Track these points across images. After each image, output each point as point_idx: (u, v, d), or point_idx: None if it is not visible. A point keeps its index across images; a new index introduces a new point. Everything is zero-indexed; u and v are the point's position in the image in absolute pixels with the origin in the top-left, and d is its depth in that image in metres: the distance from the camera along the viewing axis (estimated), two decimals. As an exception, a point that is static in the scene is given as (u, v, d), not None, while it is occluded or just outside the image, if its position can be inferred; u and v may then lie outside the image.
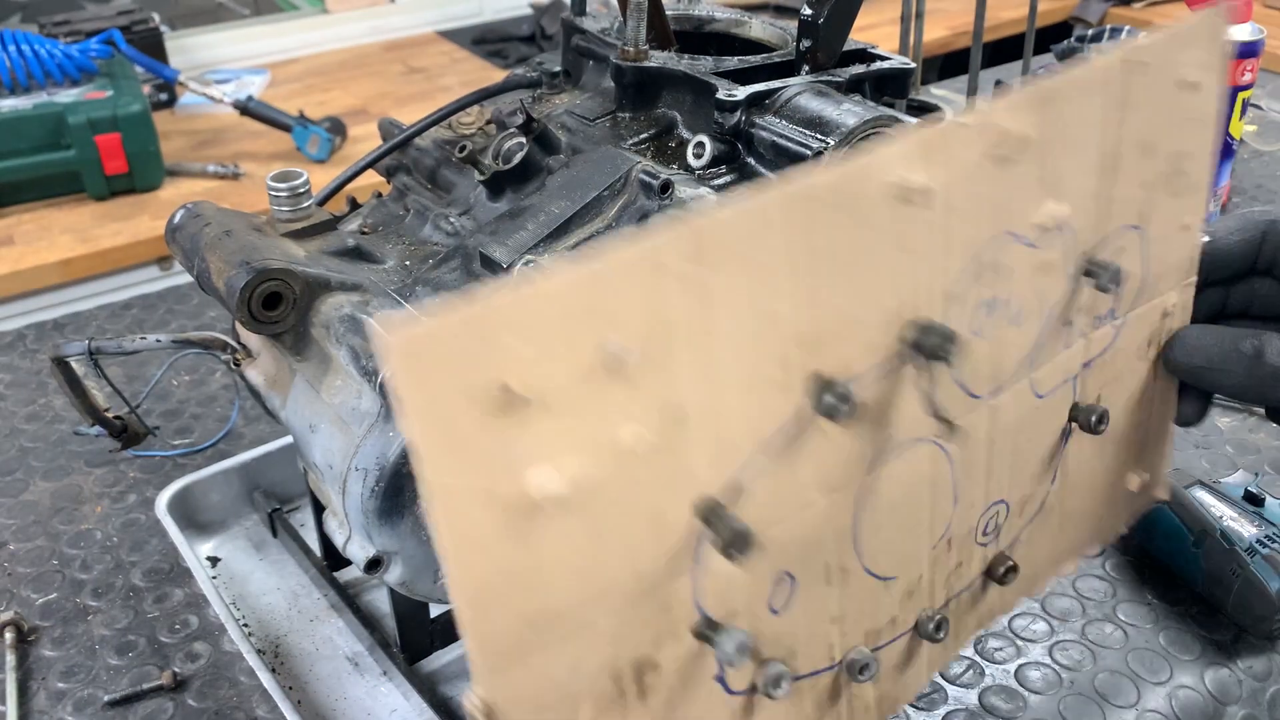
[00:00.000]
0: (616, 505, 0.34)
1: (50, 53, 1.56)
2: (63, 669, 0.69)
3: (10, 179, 1.50)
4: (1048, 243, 0.42)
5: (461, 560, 0.32)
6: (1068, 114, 0.40)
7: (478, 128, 0.68)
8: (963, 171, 0.38)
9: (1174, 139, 0.45)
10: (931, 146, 0.37)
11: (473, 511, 0.31)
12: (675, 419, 0.34)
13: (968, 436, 0.43)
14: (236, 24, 2.23)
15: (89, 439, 0.89)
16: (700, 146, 0.62)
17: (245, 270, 0.54)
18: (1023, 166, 0.40)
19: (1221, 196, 1.14)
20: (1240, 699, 0.65)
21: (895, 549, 0.42)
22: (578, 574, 0.34)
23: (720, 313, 0.34)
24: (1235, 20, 1.06)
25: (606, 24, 0.73)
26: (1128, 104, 0.42)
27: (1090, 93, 0.41)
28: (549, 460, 0.32)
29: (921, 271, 0.38)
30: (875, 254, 0.37)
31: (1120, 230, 0.44)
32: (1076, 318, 0.45)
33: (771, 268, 0.35)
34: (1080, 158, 0.41)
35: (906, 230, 0.37)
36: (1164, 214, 0.46)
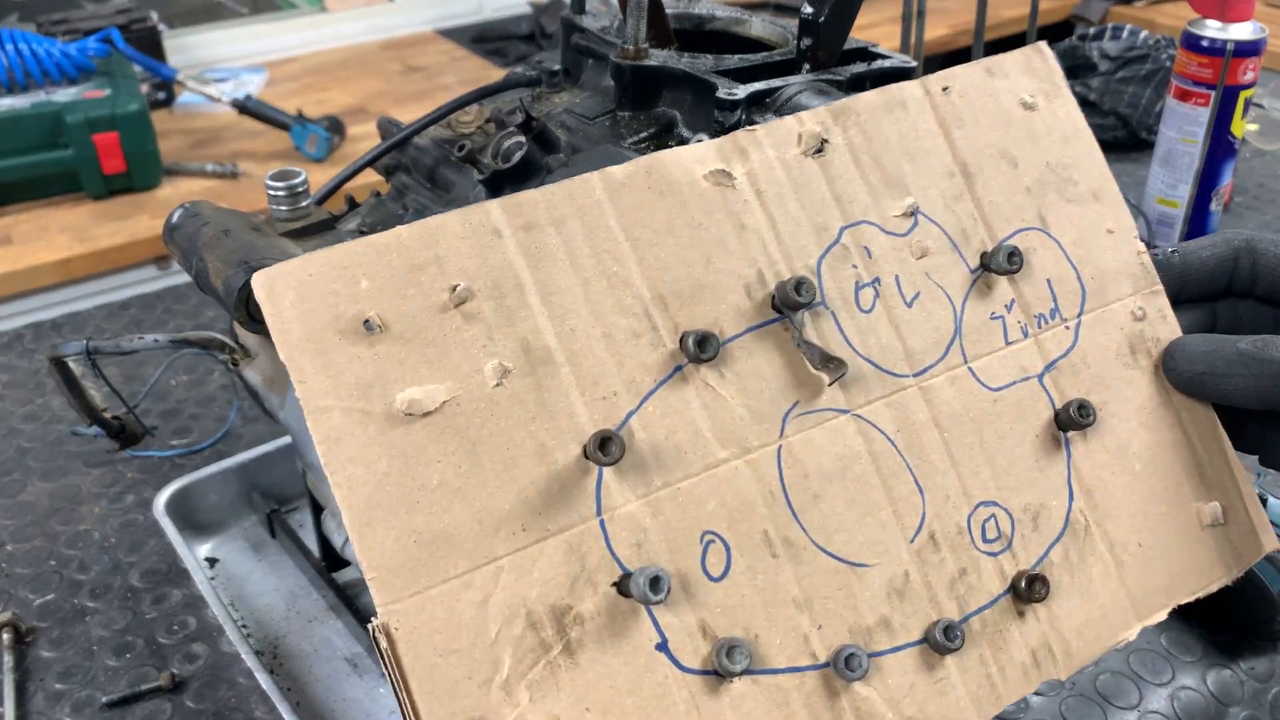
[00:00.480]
0: (492, 431, 0.38)
1: (48, 51, 1.56)
2: (60, 670, 0.68)
3: (8, 178, 1.49)
4: (911, 232, 0.46)
5: (344, 476, 0.36)
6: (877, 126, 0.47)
7: (477, 126, 0.67)
8: (770, 163, 0.44)
9: (1040, 152, 0.50)
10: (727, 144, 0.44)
11: (349, 429, 0.36)
12: (543, 359, 0.39)
13: (904, 417, 0.44)
14: (235, 22, 2.22)
15: (87, 439, 0.89)
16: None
17: (243, 270, 0.54)
18: (839, 164, 0.45)
19: (1224, 196, 1.14)
20: (1242, 700, 0.64)
21: (853, 529, 0.43)
22: (462, 497, 0.37)
23: (565, 274, 0.40)
24: (1235, 19, 1.06)
25: (606, 22, 0.73)
26: (952, 120, 0.48)
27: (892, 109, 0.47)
28: (416, 385, 0.37)
29: (770, 245, 0.43)
30: (714, 230, 0.43)
31: (1021, 231, 0.48)
32: (1004, 312, 0.47)
33: (610, 238, 0.41)
34: (920, 162, 0.47)
35: (738, 210, 0.43)
36: (1070, 218, 0.49)
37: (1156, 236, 1.16)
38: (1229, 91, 1.07)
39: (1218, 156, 1.11)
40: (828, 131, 0.46)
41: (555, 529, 0.38)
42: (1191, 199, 1.13)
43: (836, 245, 0.45)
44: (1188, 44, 1.08)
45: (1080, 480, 0.47)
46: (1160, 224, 1.16)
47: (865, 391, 0.44)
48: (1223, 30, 1.06)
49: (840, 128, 0.46)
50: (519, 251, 0.40)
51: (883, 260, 0.45)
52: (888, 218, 0.46)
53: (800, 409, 0.43)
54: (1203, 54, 1.07)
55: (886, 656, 0.43)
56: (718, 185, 0.43)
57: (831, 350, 0.43)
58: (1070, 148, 0.50)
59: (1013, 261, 0.47)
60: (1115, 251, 0.50)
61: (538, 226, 0.40)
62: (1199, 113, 1.09)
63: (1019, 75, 0.50)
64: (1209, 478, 0.49)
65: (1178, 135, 1.12)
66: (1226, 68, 1.06)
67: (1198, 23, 1.08)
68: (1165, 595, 0.48)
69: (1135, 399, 0.49)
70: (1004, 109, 0.50)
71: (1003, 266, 0.46)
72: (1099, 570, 0.47)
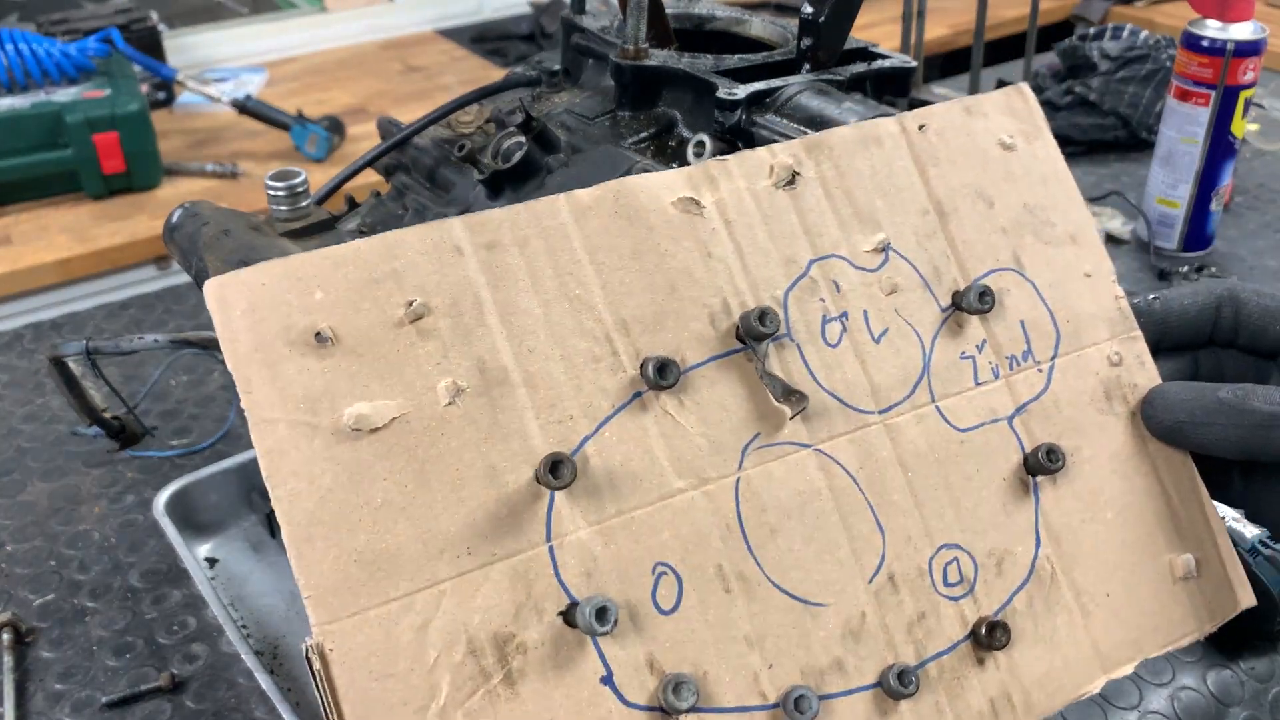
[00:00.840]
0: (441, 451, 0.37)
1: (48, 51, 1.56)
2: (60, 670, 0.68)
3: (8, 178, 1.50)
4: (881, 268, 0.45)
5: (286, 490, 0.35)
6: (851, 161, 0.46)
7: (477, 126, 0.67)
8: (740, 193, 0.43)
9: (1018, 193, 0.49)
10: (696, 173, 0.43)
11: (294, 442, 0.35)
12: (498, 379, 0.38)
13: (867, 454, 0.43)
14: (235, 22, 2.22)
15: (87, 439, 0.89)
16: (700, 145, 0.61)
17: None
18: (811, 197, 0.45)
19: (1224, 196, 1.14)
20: (1242, 700, 0.64)
21: (810, 566, 0.41)
22: (407, 517, 0.36)
23: (526, 294, 0.39)
24: (1235, 19, 1.06)
25: (606, 22, 0.73)
26: (928, 158, 0.47)
27: (867, 145, 0.46)
28: (365, 400, 0.36)
29: (736, 275, 0.43)
30: (681, 257, 0.42)
31: (995, 272, 0.47)
32: (974, 353, 0.46)
33: (574, 261, 0.40)
34: (893, 199, 0.46)
35: (705, 239, 0.42)
36: (1046, 260, 0.48)
37: (1157, 237, 1.16)
38: (1229, 91, 1.07)
39: (1218, 156, 1.11)
40: (800, 164, 0.45)
41: (502, 554, 0.37)
42: (1192, 199, 1.13)
43: (804, 278, 0.44)
44: (1188, 44, 1.08)
45: (1048, 526, 0.46)
46: (1160, 224, 1.16)
47: (828, 426, 0.43)
48: (1223, 30, 1.06)
49: (813, 161, 0.45)
50: (480, 269, 0.39)
51: (852, 295, 0.45)
52: (858, 252, 0.45)
53: (761, 441, 0.42)
54: (1203, 54, 1.07)
55: (838, 700, 0.41)
56: (686, 213, 0.42)
57: (795, 383, 0.42)
58: (1049, 189, 0.50)
59: (984, 301, 0.46)
60: (1092, 295, 0.49)
61: (500, 246, 0.39)
62: (1199, 113, 1.09)
63: (998, 115, 0.50)
64: (1184, 529, 0.48)
65: (1178, 135, 1.12)
66: (1227, 68, 1.06)
67: (1198, 23, 1.08)
68: (1133, 648, 0.46)
69: (1109, 445, 0.47)
70: (982, 148, 0.49)
71: (974, 306, 0.46)
72: (1064, 619, 0.45)
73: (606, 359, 0.40)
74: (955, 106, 0.49)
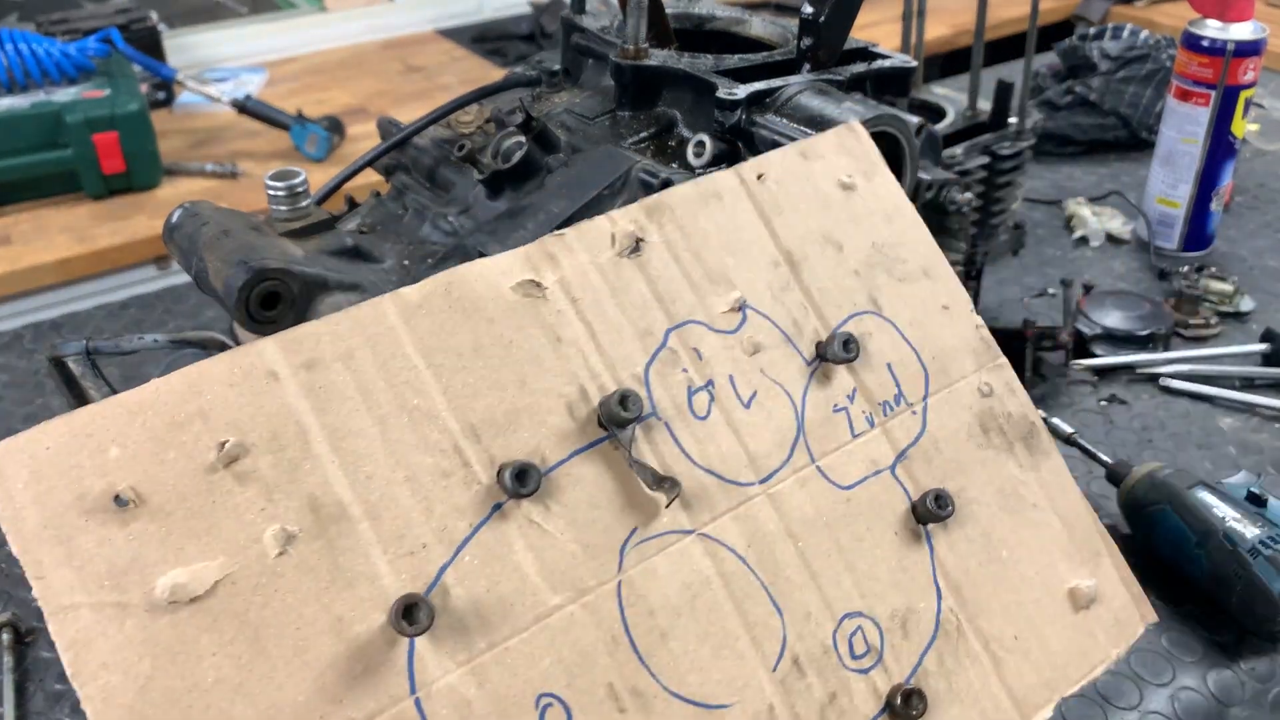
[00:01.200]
0: (277, 610, 0.32)
1: (47, 51, 1.56)
2: (60, 670, 0.68)
3: (7, 178, 1.49)
4: (741, 328, 0.44)
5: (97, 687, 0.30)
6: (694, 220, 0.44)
7: (477, 126, 0.67)
8: (584, 268, 0.41)
9: (864, 233, 0.48)
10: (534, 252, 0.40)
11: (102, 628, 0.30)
12: (335, 516, 0.34)
13: (754, 530, 0.41)
14: (234, 22, 2.22)
15: (86, 439, 0.88)
16: (700, 145, 0.61)
17: (243, 270, 0.54)
18: (658, 262, 0.43)
19: (1224, 196, 1.14)
20: (1243, 700, 0.64)
21: (708, 666, 0.39)
22: (245, 694, 0.32)
23: (359, 412, 0.35)
24: (1235, 19, 1.06)
25: (606, 22, 0.73)
26: (771, 208, 0.46)
27: (707, 202, 0.45)
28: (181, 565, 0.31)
29: (591, 357, 0.40)
30: (528, 346, 0.39)
31: (855, 316, 0.46)
32: (846, 403, 0.45)
33: (408, 367, 0.36)
34: (742, 255, 0.45)
35: (552, 322, 0.40)
36: (903, 298, 0.47)
37: (1157, 237, 1.16)
38: (1229, 91, 1.07)
39: (1218, 156, 1.11)
40: (643, 230, 0.43)
41: (362, 716, 0.33)
42: (1192, 199, 1.13)
43: (663, 349, 0.42)
44: (1188, 44, 1.08)
45: (946, 576, 0.45)
46: (1161, 224, 1.16)
47: (709, 507, 0.41)
48: (1223, 30, 1.06)
49: (656, 225, 0.43)
50: (301, 394, 0.35)
51: (714, 361, 0.43)
52: (715, 315, 0.43)
53: (639, 536, 0.39)
54: (1203, 54, 1.07)
55: None
56: (528, 297, 0.40)
57: (668, 465, 0.40)
58: (894, 226, 0.49)
59: (849, 349, 0.44)
60: (953, 328, 0.48)
61: (321, 363, 0.35)
62: (1199, 113, 1.09)
63: (834, 156, 0.49)
64: (1078, 552, 0.47)
65: (1178, 135, 1.12)
66: (1227, 68, 1.06)
67: (1198, 23, 1.08)
68: (1048, 689, 0.45)
69: (993, 481, 0.47)
70: (823, 192, 0.48)
71: (839, 355, 0.44)
72: (976, 672, 0.44)
73: (457, 472, 0.36)
74: (791, 152, 0.48)
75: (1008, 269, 1.14)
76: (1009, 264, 1.15)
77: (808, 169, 0.48)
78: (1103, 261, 1.15)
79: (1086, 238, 1.19)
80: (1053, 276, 1.12)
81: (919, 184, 0.65)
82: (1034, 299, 1.09)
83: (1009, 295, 1.09)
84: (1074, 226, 1.21)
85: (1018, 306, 1.07)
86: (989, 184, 0.93)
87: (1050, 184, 1.33)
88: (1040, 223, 1.24)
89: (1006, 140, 0.94)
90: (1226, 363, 0.97)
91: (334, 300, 0.57)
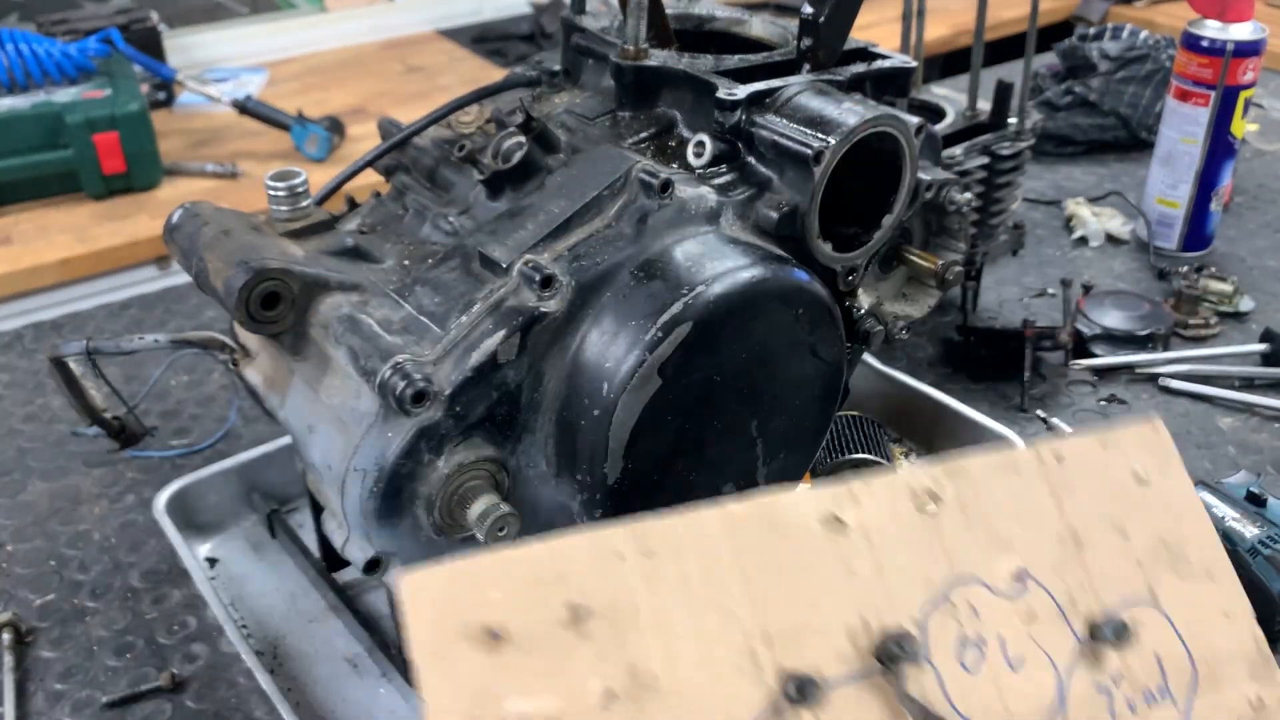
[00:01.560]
0: None
1: (48, 51, 1.56)
2: (61, 670, 0.68)
3: (8, 178, 1.50)
4: (1020, 595, 0.46)
5: None
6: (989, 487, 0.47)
7: (477, 127, 0.67)
8: (882, 513, 0.45)
9: (1152, 525, 0.49)
10: (840, 491, 0.45)
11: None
12: (646, 685, 0.39)
13: None
14: (235, 22, 2.22)
15: (87, 439, 0.89)
16: (700, 145, 0.61)
17: (243, 270, 0.54)
18: (950, 521, 0.46)
19: (1224, 196, 1.14)
20: (1243, 700, 0.64)
21: None
22: None
23: (678, 602, 0.40)
24: (1234, 19, 1.06)
25: (606, 22, 0.73)
26: (1063, 488, 0.48)
27: (1004, 472, 0.47)
28: (526, 696, 0.38)
29: (876, 593, 0.44)
30: (822, 572, 0.43)
31: (1129, 602, 0.48)
32: (1111, 685, 0.46)
33: (723, 573, 0.42)
34: (1030, 527, 0.47)
35: (848, 556, 0.43)
36: (1183, 596, 0.49)
37: (1156, 237, 1.16)
38: (1229, 92, 1.07)
39: (1218, 156, 1.11)
40: (940, 488, 0.46)
41: None
42: (1191, 199, 1.13)
43: (944, 601, 0.45)
44: (1188, 44, 1.08)
45: None
46: (1160, 224, 1.16)
47: None
48: (1223, 30, 1.06)
49: (953, 485, 0.46)
50: (638, 576, 0.40)
51: (989, 621, 0.45)
52: (996, 578, 0.46)
53: None
54: (1203, 54, 1.07)
55: None
56: (830, 530, 0.44)
57: (933, 708, 0.43)
58: (1183, 524, 0.50)
59: (1121, 635, 0.46)
60: (1231, 635, 0.49)
61: (658, 554, 0.41)
62: (1199, 113, 1.09)
63: (1133, 449, 0.50)
64: None
65: (1178, 135, 1.12)
66: (1226, 68, 1.06)
67: (1198, 23, 1.08)
68: None
69: None
70: (1117, 481, 0.49)
71: (1111, 639, 0.46)
72: None
73: (748, 670, 0.41)
74: (1091, 439, 0.50)
75: (1007, 269, 1.14)
76: (1009, 264, 1.15)
77: (1105, 457, 0.50)
78: (1102, 261, 1.16)
79: (1086, 238, 1.19)
80: (1052, 276, 1.12)
81: (918, 184, 0.65)
82: (1033, 299, 1.09)
83: (1008, 295, 1.10)
84: (1073, 227, 1.21)
85: (1017, 306, 1.08)
86: (988, 184, 0.93)
87: (1050, 184, 1.33)
88: (1040, 223, 1.24)
89: (1006, 140, 0.94)
90: (1226, 363, 0.97)
91: (334, 300, 0.57)
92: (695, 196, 0.58)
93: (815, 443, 0.65)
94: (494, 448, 0.54)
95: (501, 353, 0.53)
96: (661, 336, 0.53)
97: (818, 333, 0.60)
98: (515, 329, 0.53)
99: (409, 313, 0.56)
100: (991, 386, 0.95)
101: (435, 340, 0.53)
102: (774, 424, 0.61)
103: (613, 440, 0.53)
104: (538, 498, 0.58)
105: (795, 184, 0.60)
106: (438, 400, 0.51)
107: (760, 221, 0.61)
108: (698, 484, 0.59)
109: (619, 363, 0.53)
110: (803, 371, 0.61)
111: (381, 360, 0.51)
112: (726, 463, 0.60)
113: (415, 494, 0.53)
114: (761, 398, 0.59)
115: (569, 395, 0.54)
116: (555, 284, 0.53)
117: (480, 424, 0.53)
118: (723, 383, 0.57)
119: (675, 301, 0.53)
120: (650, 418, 0.54)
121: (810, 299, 0.59)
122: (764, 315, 0.57)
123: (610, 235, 0.56)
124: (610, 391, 0.53)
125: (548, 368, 0.54)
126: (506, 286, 0.54)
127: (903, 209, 0.65)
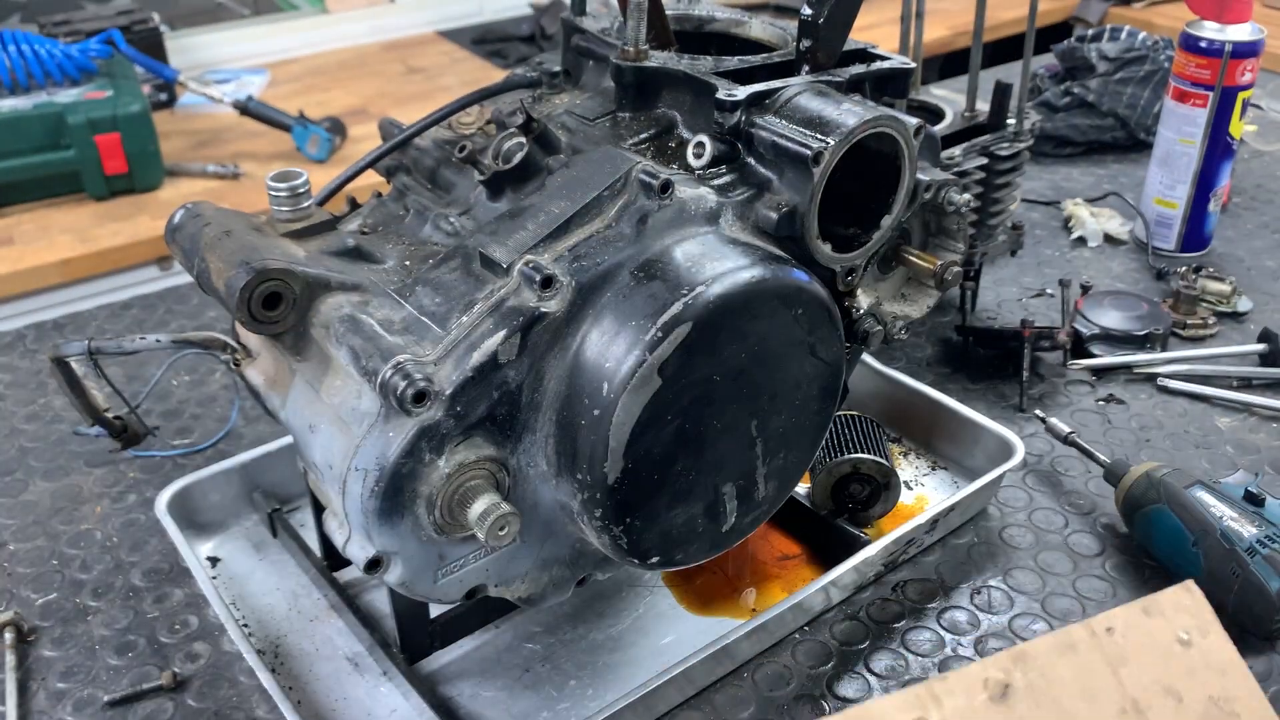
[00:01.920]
0: None
1: (50, 52, 1.56)
2: (62, 669, 0.69)
3: (10, 179, 1.50)
4: None
5: None
6: (1053, 668, 0.50)
7: (478, 128, 0.68)
8: (960, 708, 0.48)
9: (1201, 686, 0.52)
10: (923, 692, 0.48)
11: None
12: None
13: None
14: (236, 24, 2.23)
15: (89, 439, 0.89)
16: (700, 146, 0.62)
17: (245, 270, 0.54)
18: (1023, 706, 0.49)
19: (1222, 196, 1.15)
20: (1240, 699, 0.64)
21: None
22: None
23: None
24: (1233, 20, 1.06)
25: (606, 24, 0.73)
26: (1116, 659, 0.51)
27: (1064, 652, 0.50)
28: None
29: None
30: None
31: None
32: None
33: None
34: (1094, 701, 0.50)
35: None
36: None
37: (1155, 237, 1.17)
38: (1227, 92, 1.07)
39: (1216, 157, 1.11)
40: (1010, 676, 0.49)
41: None
42: (1190, 200, 1.13)
43: None
44: (1186, 45, 1.08)
45: None
46: (1158, 224, 1.16)
47: None
48: (1221, 31, 1.06)
49: (1020, 671, 0.49)
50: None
51: None
52: None
53: None
54: (1201, 55, 1.07)
55: None
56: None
57: None
58: (1228, 681, 0.52)
59: None
60: None
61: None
62: (1197, 114, 1.09)
63: (1173, 613, 0.53)
64: None
65: (1176, 136, 1.12)
66: (1225, 69, 1.06)
67: (1196, 24, 1.08)
68: None
69: None
70: (1163, 645, 0.52)
71: None
72: None
73: None
74: (1134, 608, 0.53)
75: (1006, 269, 1.14)
76: (1007, 264, 1.15)
77: (1149, 624, 0.53)
78: (1100, 262, 1.16)
79: (1084, 238, 1.20)
80: (1051, 277, 1.12)
81: (917, 185, 0.65)
82: (1032, 299, 1.09)
83: (1007, 295, 1.10)
84: (1072, 227, 1.21)
85: (1016, 306, 1.08)
86: (987, 185, 0.93)
87: (1048, 185, 1.34)
88: (1038, 223, 1.24)
89: (1005, 141, 0.94)
90: (1224, 363, 0.97)
91: (336, 300, 0.57)
92: (695, 197, 0.58)
93: (815, 442, 0.65)
94: (494, 447, 0.55)
95: (502, 353, 0.53)
96: (661, 337, 0.53)
97: (817, 333, 0.60)
98: (516, 329, 0.53)
99: (410, 313, 0.56)
100: (990, 386, 0.95)
101: (436, 340, 0.53)
102: (773, 424, 0.61)
103: (613, 440, 0.54)
104: (538, 497, 0.58)
105: (795, 185, 0.60)
106: (438, 400, 0.51)
107: (760, 222, 0.61)
108: (698, 484, 0.59)
109: (619, 363, 0.53)
110: (802, 371, 0.61)
111: (382, 360, 0.52)
112: (726, 462, 0.60)
113: (416, 493, 0.53)
114: (761, 398, 0.60)
115: (569, 395, 0.55)
116: (555, 284, 0.54)
117: (481, 424, 0.54)
118: (722, 383, 0.57)
119: (675, 302, 0.54)
120: (650, 418, 0.54)
121: (809, 299, 0.59)
122: (763, 315, 0.57)
123: (610, 236, 0.56)
124: (610, 391, 0.53)
125: (548, 368, 0.55)
126: (507, 287, 0.54)
127: (902, 209, 0.65)
